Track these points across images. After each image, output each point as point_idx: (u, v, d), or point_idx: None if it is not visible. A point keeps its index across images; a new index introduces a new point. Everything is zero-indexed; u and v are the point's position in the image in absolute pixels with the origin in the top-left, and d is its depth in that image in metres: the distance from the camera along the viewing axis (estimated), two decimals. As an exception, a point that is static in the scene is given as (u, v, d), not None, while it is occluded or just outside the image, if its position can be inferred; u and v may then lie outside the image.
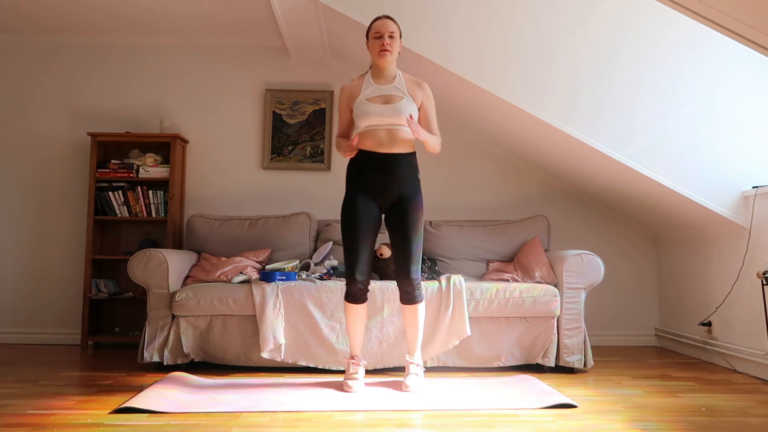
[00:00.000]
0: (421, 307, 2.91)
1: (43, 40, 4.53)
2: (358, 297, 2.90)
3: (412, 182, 2.91)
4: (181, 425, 2.27)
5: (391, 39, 2.85)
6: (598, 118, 3.46)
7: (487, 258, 3.99)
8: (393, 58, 2.90)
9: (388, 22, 2.88)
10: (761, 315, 3.20)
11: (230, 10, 4.08)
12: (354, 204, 2.87)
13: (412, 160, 2.93)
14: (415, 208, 2.88)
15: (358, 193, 2.89)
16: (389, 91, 2.89)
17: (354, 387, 2.81)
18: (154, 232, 4.40)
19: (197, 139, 4.51)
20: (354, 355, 2.97)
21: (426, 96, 2.96)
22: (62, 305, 4.34)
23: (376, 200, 2.89)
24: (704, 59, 3.44)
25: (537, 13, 3.47)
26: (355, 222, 2.85)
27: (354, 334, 2.95)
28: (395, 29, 2.89)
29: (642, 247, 4.46)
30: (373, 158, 2.86)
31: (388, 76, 2.92)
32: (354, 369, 2.92)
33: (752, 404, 2.65)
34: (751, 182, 3.40)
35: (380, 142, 2.84)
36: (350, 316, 2.92)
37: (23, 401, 2.61)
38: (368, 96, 2.88)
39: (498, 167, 4.51)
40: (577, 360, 3.34)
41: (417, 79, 3.00)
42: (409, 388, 2.82)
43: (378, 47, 2.85)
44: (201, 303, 3.30)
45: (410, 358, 2.95)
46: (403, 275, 2.85)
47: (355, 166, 2.92)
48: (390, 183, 2.86)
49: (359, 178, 2.89)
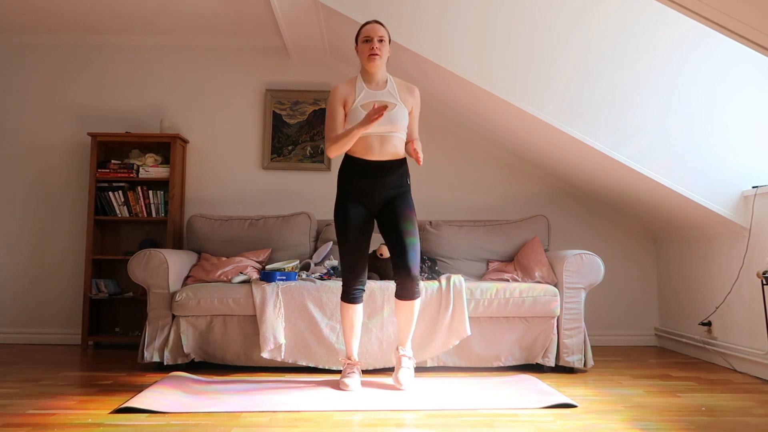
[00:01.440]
0: (418, 303, 2.91)
1: (43, 41, 4.53)
2: (356, 297, 2.93)
3: (400, 186, 2.91)
4: (181, 425, 2.27)
5: (380, 43, 2.86)
6: (598, 118, 3.46)
7: (487, 258, 3.99)
8: (382, 63, 2.90)
9: (377, 26, 2.90)
10: (761, 315, 3.20)
11: (230, 10, 4.08)
12: (345, 209, 2.90)
13: (402, 167, 2.93)
14: (406, 206, 2.88)
15: (348, 198, 2.91)
16: (383, 97, 2.89)
17: (351, 385, 2.82)
18: (154, 232, 4.41)
19: (197, 139, 4.51)
20: (350, 356, 2.98)
21: (416, 102, 2.98)
22: (62, 305, 4.34)
23: (366, 205, 2.91)
24: (704, 59, 3.44)
25: (537, 13, 3.47)
26: (347, 226, 2.87)
27: (350, 334, 2.96)
28: (384, 33, 2.90)
29: (642, 247, 4.46)
30: (361, 165, 2.87)
31: (379, 80, 2.93)
32: (350, 369, 2.93)
33: (752, 404, 2.65)
34: (751, 182, 3.40)
35: (370, 149, 2.85)
36: (348, 316, 2.93)
37: (23, 401, 2.61)
38: (362, 102, 2.88)
39: (498, 167, 4.51)
40: (577, 360, 3.34)
41: (408, 83, 3.00)
42: (402, 385, 2.83)
43: (367, 51, 2.86)
44: (201, 303, 3.31)
45: (402, 350, 2.96)
46: (403, 269, 2.83)
47: (344, 173, 2.93)
48: (378, 189, 2.87)
49: (348, 185, 2.91)
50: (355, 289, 2.91)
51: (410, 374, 2.91)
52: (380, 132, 2.83)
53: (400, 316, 2.93)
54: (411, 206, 2.90)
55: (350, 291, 2.91)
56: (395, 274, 2.87)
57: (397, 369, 2.92)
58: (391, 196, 2.89)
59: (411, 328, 2.95)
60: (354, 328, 2.95)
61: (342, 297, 2.95)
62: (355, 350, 2.99)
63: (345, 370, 2.95)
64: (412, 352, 3.02)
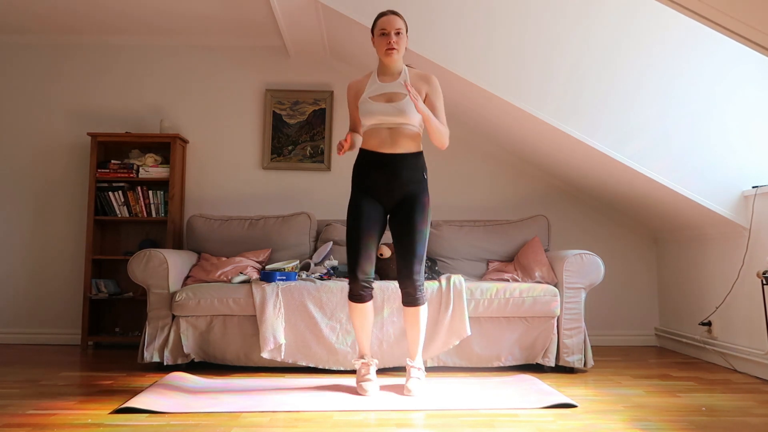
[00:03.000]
0: (423, 310, 2.82)
1: (43, 41, 4.53)
2: (363, 296, 2.82)
3: (417, 182, 2.82)
4: (181, 425, 2.27)
5: (398, 36, 2.78)
6: (598, 117, 3.46)
7: (487, 258, 3.99)
8: (400, 56, 2.84)
9: (394, 18, 2.80)
10: (761, 315, 3.20)
11: (230, 10, 4.08)
12: (358, 205, 2.83)
13: (419, 161, 2.85)
14: (420, 208, 2.80)
15: (363, 193, 2.85)
16: (393, 88, 2.82)
17: (369, 390, 2.74)
18: (154, 232, 4.41)
19: (197, 139, 4.51)
20: (363, 354, 2.89)
21: (432, 88, 2.85)
22: (62, 305, 4.34)
23: (381, 200, 2.85)
24: (704, 59, 3.44)
25: (538, 13, 3.47)
26: (359, 222, 2.79)
27: (361, 333, 2.87)
28: (402, 26, 2.80)
29: (642, 247, 4.46)
30: (376, 158, 2.81)
31: (394, 72, 2.86)
32: (365, 370, 2.85)
33: (752, 404, 2.65)
34: (751, 182, 3.40)
35: (383, 142, 2.80)
36: (356, 316, 2.84)
37: (23, 401, 2.61)
38: (372, 94, 2.82)
39: (498, 167, 4.51)
40: (577, 360, 3.34)
41: (424, 72, 2.92)
42: (411, 392, 2.73)
43: (384, 45, 2.78)
44: (201, 303, 3.31)
45: (411, 362, 2.85)
46: (406, 277, 2.77)
47: (359, 167, 2.88)
48: (394, 183, 2.80)
49: (363, 179, 2.85)
50: (361, 287, 2.80)
51: (419, 383, 2.80)
52: (390, 123, 2.78)
53: (406, 324, 2.86)
54: (425, 215, 2.80)
55: (356, 289, 2.81)
56: (400, 281, 2.80)
57: (407, 379, 2.82)
58: (407, 194, 2.81)
59: (418, 337, 2.85)
60: (364, 327, 2.86)
61: (349, 296, 2.85)
62: (367, 348, 2.89)
63: (360, 371, 2.86)
64: (422, 363, 2.91)
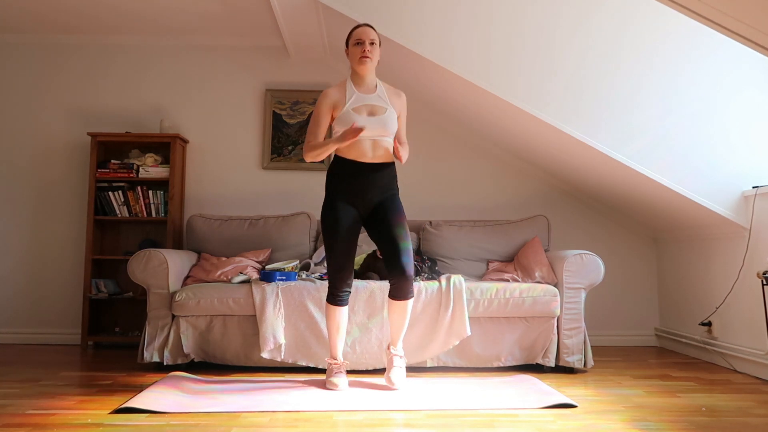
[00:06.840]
0: (411, 303, 2.92)
1: (43, 41, 4.53)
2: (342, 300, 2.93)
3: (390, 188, 2.97)
4: (181, 425, 2.27)
5: (371, 46, 2.90)
6: (598, 118, 3.46)
7: (487, 258, 3.99)
8: (373, 66, 2.95)
9: (368, 29, 2.94)
10: (761, 315, 3.20)
11: (230, 10, 4.08)
12: (335, 209, 2.91)
13: (393, 170, 2.99)
14: (397, 206, 2.94)
15: (339, 198, 2.92)
16: (373, 101, 2.93)
17: (339, 384, 2.84)
18: (154, 232, 4.40)
19: (197, 139, 4.51)
20: (335, 356, 2.98)
21: (403, 106, 3.03)
22: (62, 305, 4.34)
23: (356, 206, 2.92)
24: (704, 59, 3.44)
25: (539, 13, 3.47)
26: (338, 226, 2.88)
27: (336, 336, 2.96)
28: (375, 37, 2.94)
29: (642, 247, 4.46)
30: (355, 167, 2.90)
31: (369, 84, 2.96)
32: (337, 369, 2.95)
33: (752, 404, 2.65)
34: (751, 182, 3.40)
35: (363, 153, 2.89)
36: (332, 318, 2.94)
37: (23, 401, 2.61)
38: (353, 106, 2.90)
39: (498, 167, 4.51)
40: (577, 360, 3.34)
41: (395, 88, 3.07)
42: (395, 384, 2.84)
43: (359, 54, 2.89)
44: (201, 303, 3.31)
45: (394, 350, 2.96)
46: (398, 270, 2.83)
47: (336, 175, 2.95)
48: (370, 189, 2.90)
49: (340, 184, 2.92)
50: (342, 291, 2.91)
51: (402, 374, 2.92)
52: (373, 136, 2.88)
53: (394, 316, 2.93)
54: (401, 212, 2.94)
55: (337, 293, 2.92)
56: (390, 275, 2.87)
57: (389, 369, 2.93)
58: (381, 199, 2.93)
59: (404, 327, 2.96)
60: (340, 330, 2.96)
61: (328, 299, 2.95)
62: (339, 351, 3.00)
63: (331, 370, 2.95)
64: (403, 351, 3.03)
